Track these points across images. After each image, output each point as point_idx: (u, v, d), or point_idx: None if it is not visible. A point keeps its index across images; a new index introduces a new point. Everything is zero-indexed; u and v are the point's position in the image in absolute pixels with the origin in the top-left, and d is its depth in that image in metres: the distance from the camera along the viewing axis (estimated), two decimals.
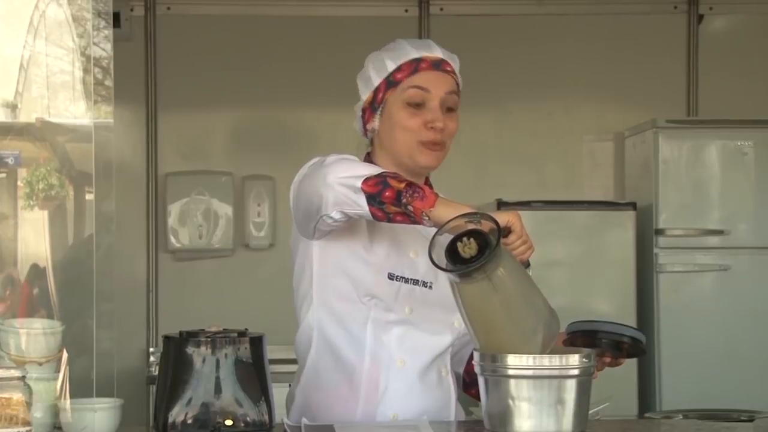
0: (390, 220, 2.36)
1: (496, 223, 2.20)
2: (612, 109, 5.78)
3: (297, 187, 2.56)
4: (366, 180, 2.34)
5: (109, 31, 2.86)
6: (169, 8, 5.66)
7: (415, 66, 2.61)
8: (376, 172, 2.38)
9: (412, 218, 2.31)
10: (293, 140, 5.64)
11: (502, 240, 2.22)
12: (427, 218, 2.29)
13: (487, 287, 2.19)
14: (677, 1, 5.80)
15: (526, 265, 2.38)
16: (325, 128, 5.52)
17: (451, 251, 2.21)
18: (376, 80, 2.64)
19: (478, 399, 2.67)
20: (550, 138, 5.77)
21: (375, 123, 2.65)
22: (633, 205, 5.22)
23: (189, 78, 5.64)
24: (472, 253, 2.19)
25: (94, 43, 2.80)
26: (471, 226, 2.21)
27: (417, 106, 2.60)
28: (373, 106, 2.65)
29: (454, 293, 2.26)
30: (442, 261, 2.21)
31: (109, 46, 2.83)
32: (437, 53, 2.65)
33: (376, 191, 2.33)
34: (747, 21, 5.90)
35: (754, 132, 5.21)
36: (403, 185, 2.31)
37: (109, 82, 2.86)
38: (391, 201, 2.32)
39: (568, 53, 5.75)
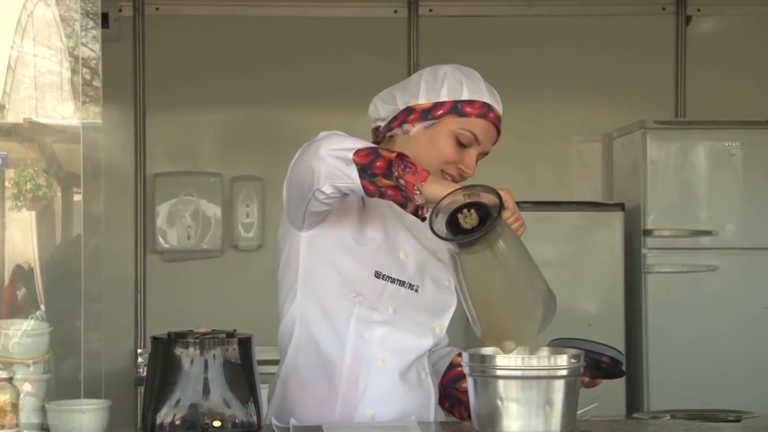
0: (382, 195, 2.33)
1: (497, 193, 2.20)
2: (600, 110, 5.79)
3: (290, 170, 2.55)
4: (358, 151, 2.33)
5: (97, 32, 2.86)
6: (157, 9, 5.65)
7: (485, 112, 2.66)
8: (369, 145, 2.37)
9: (404, 193, 2.29)
10: (282, 141, 5.62)
11: None
12: (418, 192, 2.27)
13: (489, 258, 2.19)
14: (665, 2, 5.81)
15: None
16: (314, 129, 5.40)
17: (452, 224, 2.20)
18: (445, 97, 2.65)
19: (450, 412, 2.68)
20: (539, 139, 5.78)
21: (415, 128, 2.65)
22: (621, 206, 5.24)
23: (178, 79, 5.63)
24: (473, 224, 2.18)
25: (83, 44, 2.80)
26: (470, 199, 2.21)
27: (462, 146, 2.64)
28: (425, 115, 2.64)
29: (454, 268, 2.25)
30: (442, 231, 2.20)
31: (97, 47, 2.82)
32: (499, 108, 2.71)
33: (367, 161, 2.31)
34: (734, 22, 5.91)
35: (742, 133, 5.22)
36: (394, 155, 2.30)
37: (97, 83, 2.86)
38: (382, 172, 2.29)
39: (557, 54, 5.76)
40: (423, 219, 2.65)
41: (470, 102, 2.64)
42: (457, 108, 2.64)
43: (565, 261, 5.14)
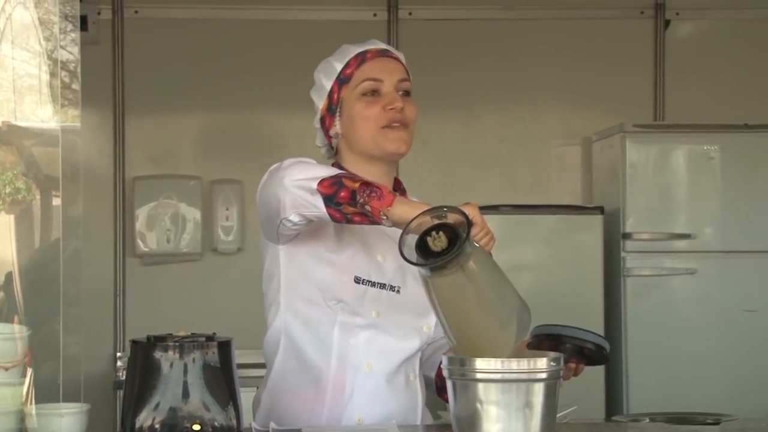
0: (349, 221, 2.34)
1: (464, 214, 2.20)
2: (580, 114, 5.81)
3: (258, 193, 2.56)
4: (321, 181, 2.34)
5: (76, 35, 2.85)
6: (136, 11, 5.64)
7: (361, 58, 2.65)
8: (333, 173, 2.37)
9: (371, 218, 2.30)
10: (262, 144, 5.63)
11: None
12: (385, 217, 2.28)
13: (461, 279, 2.19)
14: (644, 6, 5.83)
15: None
16: (293, 132, 5.51)
17: (421, 247, 2.20)
18: (328, 84, 2.67)
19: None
20: (518, 142, 5.79)
21: (337, 126, 2.66)
22: (601, 209, 5.24)
23: (157, 82, 5.62)
24: (442, 246, 2.18)
25: (61, 47, 2.79)
26: (437, 221, 2.21)
27: (373, 94, 2.62)
28: (330, 110, 2.66)
29: (427, 290, 2.25)
30: (414, 257, 2.20)
31: (76, 50, 2.82)
32: (380, 45, 2.69)
33: (331, 192, 2.33)
34: (713, 26, 5.94)
35: (721, 136, 5.24)
36: (357, 185, 2.31)
37: (76, 86, 2.85)
38: (347, 201, 2.31)
39: (536, 58, 5.77)
40: None
41: (346, 66, 2.65)
42: (341, 80, 2.65)
43: (544, 264, 5.15)
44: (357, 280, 2.57)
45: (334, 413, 2.57)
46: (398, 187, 2.72)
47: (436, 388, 2.74)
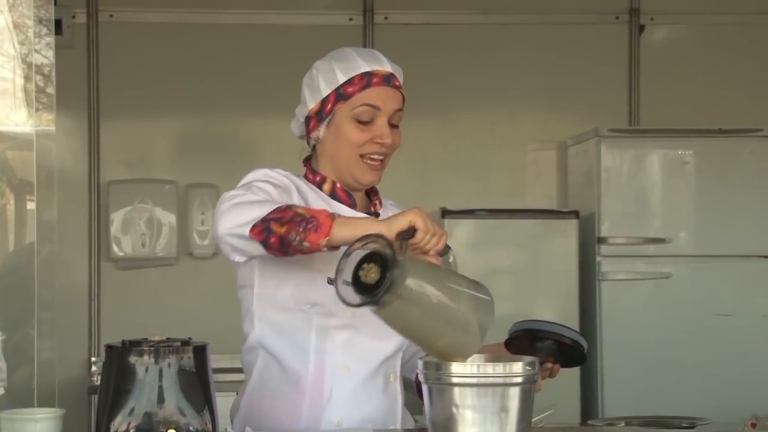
0: (293, 255, 2.33)
1: (389, 241, 2.17)
2: (555, 118, 5.82)
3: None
4: (252, 228, 2.31)
5: (50, 38, 2.84)
6: (111, 15, 5.62)
7: (366, 81, 2.61)
8: (264, 213, 2.33)
9: (311, 252, 2.30)
10: (237, 148, 5.62)
11: (410, 241, 2.22)
12: (326, 248, 2.28)
13: (401, 305, 2.17)
14: (619, 11, 5.85)
15: (445, 251, 2.37)
16: (269, 137, 5.51)
17: (356, 279, 2.17)
18: (325, 90, 2.63)
19: None
20: (494, 147, 5.80)
21: (320, 132, 2.65)
22: (576, 214, 5.26)
23: (132, 86, 5.60)
24: (375, 278, 2.14)
25: (36, 51, 2.78)
26: (368, 247, 2.17)
27: (366, 123, 2.61)
28: (320, 116, 2.64)
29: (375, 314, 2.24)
30: (350, 295, 2.17)
31: (50, 54, 2.81)
32: (387, 67, 2.65)
33: (262, 238, 2.31)
34: (687, 32, 5.96)
35: (695, 141, 5.26)
36: (285, 229, 2.28)
37: (50, 90, 2.84)
38: (278, 247, 2.30)
39: (512, 63, 5.79)
40: (376, 215, 2.66)
41: (348, 81, 2.61)
42: (340, 94, 2.62)
43: (519, 268, 5.16)
44: (330, 282, 2.56)
45: (312, 416, 2.57)
46: (370, 189, 2.72)
47: (417, 391, 2.74)
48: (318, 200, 2.62)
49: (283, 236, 2.28)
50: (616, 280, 5.19)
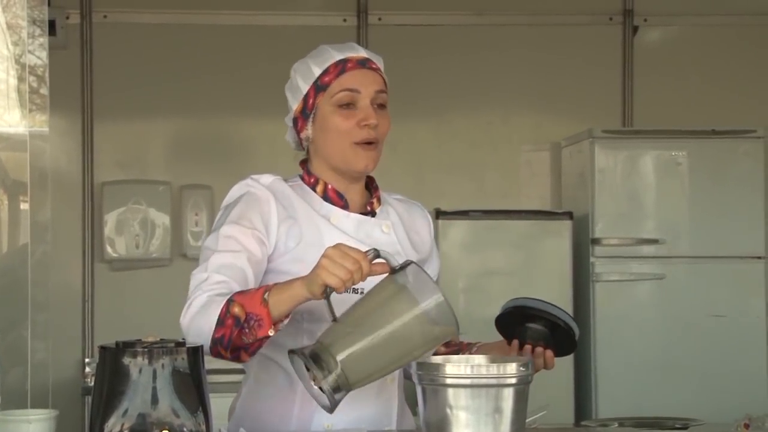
0: (260, 346, 2.39)
1: (302, 354, 2.23)
2: (549, 119, 5.82)
3: None
4: (211, 350, 2.39)
5: (44, 39, 2.84)
6: (105, 16, 5.61)
7: (341, 67, 2.61)
8: (213, 323, 2.38)
9: (264, 341, 2.36)
10: (231, 149, 5.62)
11: (332, 299, 2.26)
12: (274, 332, 2.34)
13: (362, 364, 2.23)
14: (612, 12, 5.86)
15: (400, 267, 2.30)
16: (263, 138, 5.51)
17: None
18: (305, 87, 2.64)
19: None
20: (489, 147, 5.80)
21: (309, 130, 2.65)
22: (570, 215, 5.26)
23: (126, 86, 5.60)
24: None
25: (29, 51, 2.78)
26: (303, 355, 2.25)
27: (348, 106, 2.61)
28: (304, 114, 2.65)
29: None
30: (323, 400, 2.25)
31: (44, 54, 2.81)
32: (361, 53, 2.66)
33: (225, 357, 2.40)
34: (681, 33, 5.97)
35: (689, 142, 5.26)
36: (235, 342, 2.35)
37: (44, 91, 2.84)
38: (243, 354, 2.38)
39: (506, 64, 5.78)
40: (373, 215, 2.65)
41: (324, 72, 2.62)
42: (318, 86, 2.62)
43: (513, 269, 5.16)
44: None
45: (303, 420, 2.56)
46: (371, 185, 2.72)
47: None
48: (304, 205, 2.61)
49: (240, 347, 2.36)
50: (610, 281, 5.19)
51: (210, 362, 2.40)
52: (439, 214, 5.09)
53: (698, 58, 5.87)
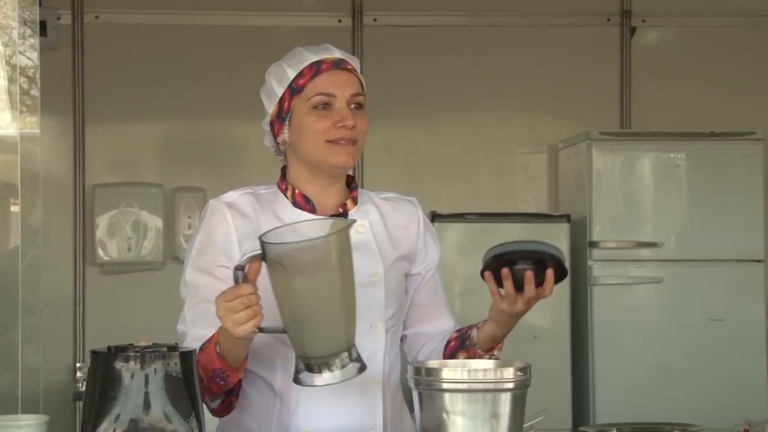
0: (238, 384, 2.47)
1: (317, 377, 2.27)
2: (545, 121, 5.81)
3: None
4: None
5: (35, 40, 2.82)
6: (97, 17, 5.60)
7: (316, 69, 2.59)
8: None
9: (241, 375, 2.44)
10: (224, 152, 5.60)
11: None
12: (245, 364, 2.42)
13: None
14: (610, 13, 5.85)
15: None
16: (255, 139, 5.37)
17: None
18: (279, 90, 2.63)
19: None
20: (484, 150, 5.79)
21: (285, 134, 2.64)
22: (567, 217, 5.24)
23: (117, 88, 5.58)
24: None
25: (20, 52, 2.76)
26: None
27: (324, 107, 2.58)
28: (280, 117, 2.63)
29: None
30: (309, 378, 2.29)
31: (35, 55, 2.79)
32: (336, 54, 2.63)
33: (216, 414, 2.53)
34: (679, 34, 5.96)
35: (687, 144, 5.25)
36: (211, 390, 2.44)
37: (35, 92, 2.82)
38: (229, 397, 2.48)
39: (502, 65, 5.77)
40: (345, 215, 2.61)
41: (299, 74, 2.60)
42: (293, 89, 2.60)
43: None
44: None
45: (282, 426, 2.54)
46: (351, 183, 2.69)
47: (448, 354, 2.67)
48: (269, 215, 2.60)
49: (225, 390, 2.45)
50: (608, 285, 5.18)
51: None
52: (434, 217, 5.07)
53: (697, 60, 5.86)
